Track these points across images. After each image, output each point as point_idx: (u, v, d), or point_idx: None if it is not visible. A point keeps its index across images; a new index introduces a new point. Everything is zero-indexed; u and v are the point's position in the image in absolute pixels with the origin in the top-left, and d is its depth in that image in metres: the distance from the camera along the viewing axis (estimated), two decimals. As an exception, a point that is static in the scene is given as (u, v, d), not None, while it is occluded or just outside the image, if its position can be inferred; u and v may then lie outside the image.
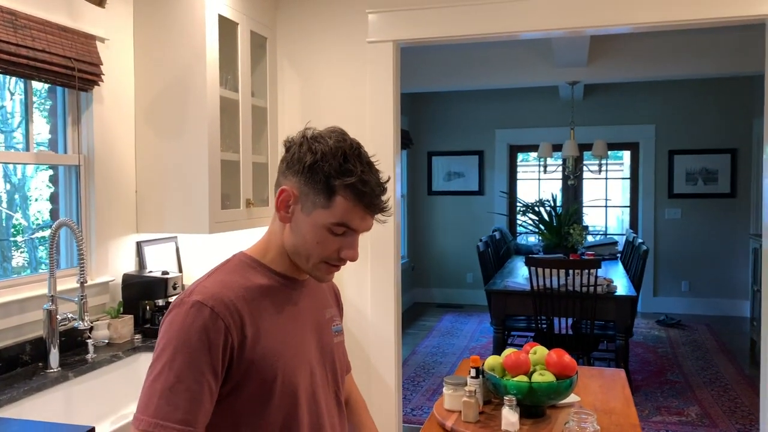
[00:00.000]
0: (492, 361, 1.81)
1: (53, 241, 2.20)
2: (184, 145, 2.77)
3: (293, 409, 1.11)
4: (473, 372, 1.81)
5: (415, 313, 7.58)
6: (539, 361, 1.76)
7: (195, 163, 2.76)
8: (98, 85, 2.57)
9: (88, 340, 2.39)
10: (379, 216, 1.15)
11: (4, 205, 2.84)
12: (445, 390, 1.84)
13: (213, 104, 2.78)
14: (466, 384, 1.80)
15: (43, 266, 2.59)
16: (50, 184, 2.72)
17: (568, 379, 1.71)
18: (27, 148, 2.42)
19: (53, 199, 2.70)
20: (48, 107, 2.62)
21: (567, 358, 1.73)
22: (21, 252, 2.82)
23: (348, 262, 1.16)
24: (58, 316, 2.24)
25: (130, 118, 2.82)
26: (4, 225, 2.91)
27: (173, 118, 2.78)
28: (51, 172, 2.72)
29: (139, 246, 2.86)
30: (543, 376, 1.70)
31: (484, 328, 6.54)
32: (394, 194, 3.45)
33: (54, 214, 2.68)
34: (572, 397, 1.89)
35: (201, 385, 1.02)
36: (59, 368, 2.22)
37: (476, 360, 1.82)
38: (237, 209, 2.98)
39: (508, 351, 1.81)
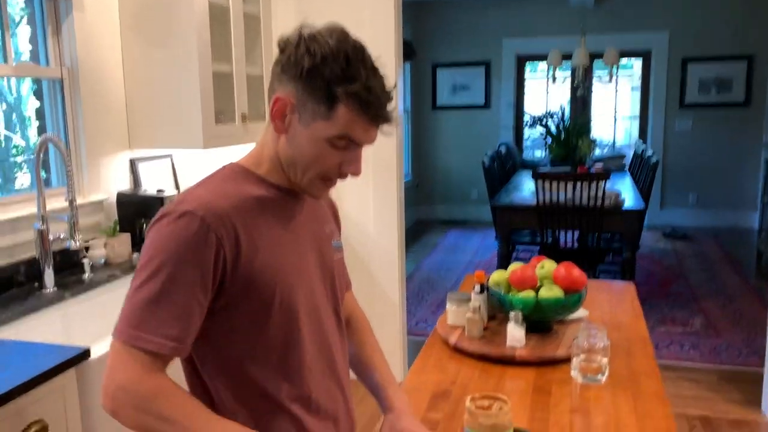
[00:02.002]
0: (497, 276, 1.74)
1: (38, 158, 2.10)
2: (173, 56, 2.62)
3: (293, 327, 1.05)
4: (477, 288, 1.75)
5: (419, 230, 7.55)
6: (546, 275, 1.68)
7: (185, 74, 2.61)
8: (76, -10, 2.39)
9: (84, 260, 2.34)
10: (384, 127, 1.04)
11: (2, 125, 2.73)
12: (448, 306, 1.79)
13: (201, 11, 2.61)
14: (469, 300, 1.74)
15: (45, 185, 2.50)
16: (35, 98, 2.59)
17: (576, 293, 1.64)
18: (5, 61, 2.27)
19: (40, 115, 2.58)
20: (26, 17, 2.46)
21: (576, 272, 1.66)
22: (24, 173, 2.73)
23: (347, 178, 1.06)
24: (50, 236, 2.18)
25: (115, 26, 2.65)
26: (3, 146, 2.82)
27: (160, 26, 2.62)
28: (35, 86, 2.59)
29: (132, 163, 2.76)
30: (550, 291, 1.63)
31: (488, 244, 6.52)
32: (396, 107, 3.31)
33: (42, 131, 2.57)
34: (580, 312, 1.84)
35: (188, 299, 0.95)
36: (55, 288, 2.17)
37: (480, 275, 1.75)
38: (232, 124, 2.86)
39: (514, 266, 1.73)
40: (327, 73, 0.98)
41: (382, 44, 3.21)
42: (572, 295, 1.64)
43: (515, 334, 1.60)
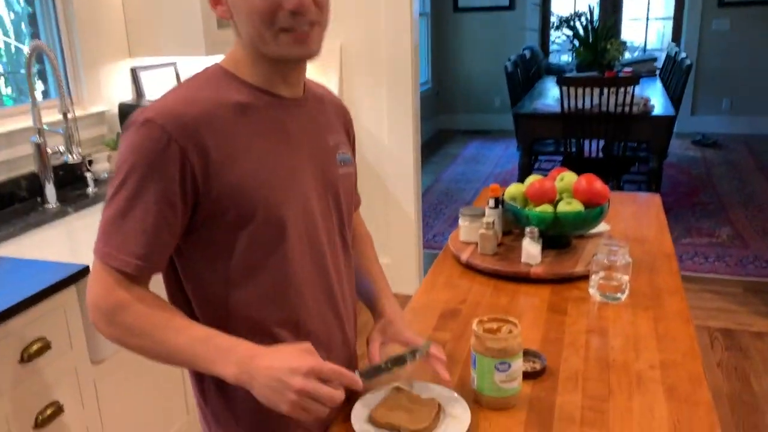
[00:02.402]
0: (513, 189, 1.62)
1: (29, 67, 1.99)
2: (169, -46, 2.44)
3: (280, 248, 0.95)
4: (492, 202, 1.64)
5: (439, 140, 7.38)
6: (566, 188, 1.57)
7: (183, -26, 2.44)
8: None
9: (87, 174, 2.27)
10: None
11: (12, 36, 2.60)
12: (461, 222, 1.69)
13: None
14: (483, 215, 1.64)
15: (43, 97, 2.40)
16: (27, 6, 2.45)
17: (598, 207, 1.53)
18: (-13, -39, 2.12)
19: (32, 21, 2.44)
20: None
21: (598, 184, 1.53)
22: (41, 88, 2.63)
23: (308, 19, 0.91)
24: (48, 150, 2.10)
25: None
26: (15, 57, 2.71)
27: None
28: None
29: (134, 72, 2.64)
30: (570, 205, 1.52)
31: (510, 154, 6.35)
32: (411, 11, 3.10)
33: (35, 38, 2.44)
34: (601, 226, 1.73)
35: (153, 215, 0.87)
36: (58, 203, 2.12)
37: (495, 189, 1.64)
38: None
39: (532, 178, 1.62)
40: None
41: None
42: (593, 209, 1.52)
43: (530, 250, 1.51)
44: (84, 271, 1.62)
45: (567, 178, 1.59)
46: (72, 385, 1.62)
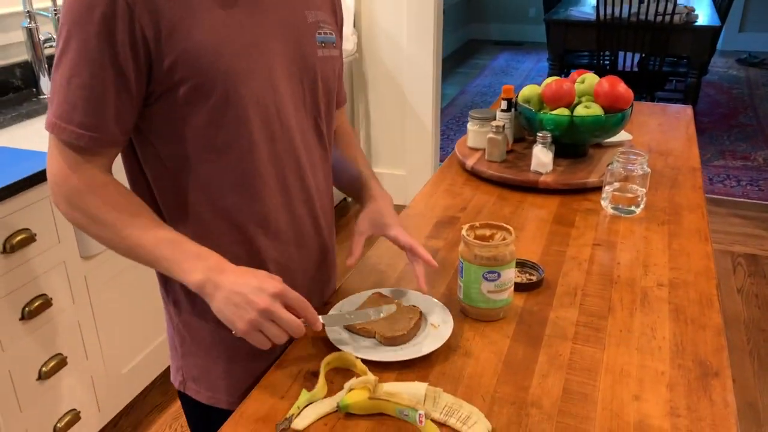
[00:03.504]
0: (528, 91, 1.48)
1: (14, -57, 1.85)
2: None
3: (240, 128, 0.85)
4: (504, 104, 1.51)
5: (468, 50, 7.06)
6: (587, 91, 1.42)
7: None
8: None
9: (84, 65, 2.17)
10: None
11: None
12: (469, 125, 1.56)
13: None
14: (493, 118, 1.51)
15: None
16: None
17: (619, 112, 1.39)
18: None
19: None
20: None
21: (622, 87, 1.39)
22: None
23: None
24: (41, 36, 1.99)
25: None
26: None
27: None
28: None
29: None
30: (588, 109, 1.38)
31: (541, 68, 6.06)
32: None
33: None
34: (623, 135, 1.60)
35: (101, 81, 0.77)
36: (53, 94, 2.03)
37: (508, 90, 1.50)
38: None
39: (550, 80, 1.47)
40: None
41: None
42: (614, 114, 1.38)
43: (541, 157, 1.38)
44: (70, 163, 1.54)
45: (588, 80, 1.44)
46: (61, 279, 1.59)
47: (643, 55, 3.89)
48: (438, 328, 0.92)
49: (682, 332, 0.94)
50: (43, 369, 1.57)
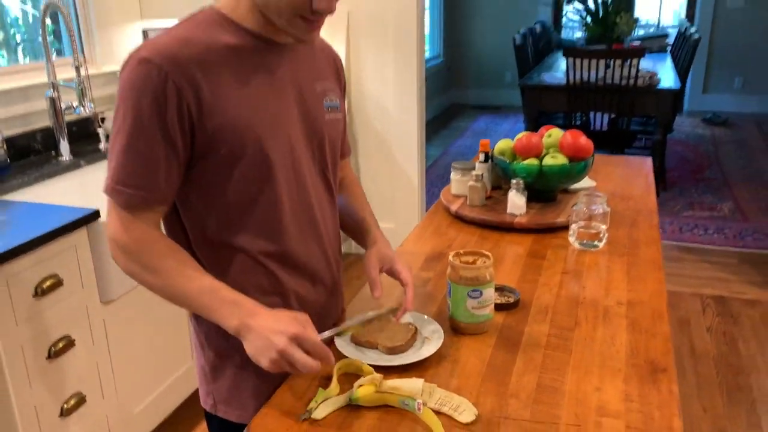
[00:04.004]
0: (502, 144, 1.69)
1: (43, 23, 2.08)
2: None
3: (270, 184, 1.02)
4: (482, 156, 1.72)
5: (449, 114, 7.41)
6: (553, 143, 1.64)
7: (193, -62, 2.50)
8: None
9: (99, 130, 2.36)
10: None
11: (29, 5, 2.69)
12: (452, 175, 1.76)
13: None
14: (473, 169, 1.71)
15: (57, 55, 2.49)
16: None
17: (582, 161, 1.60)
18: None
19: (47, -18, 2.52)
20: None
21: (583, 139, 1.60)
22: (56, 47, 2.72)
23: (326, 16, 0.98)
24: (62, 105, 2.19)
25: None
26: (32, 25, 2.79)
27: None
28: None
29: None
30: (555, 159, 1.59)
31: (519, 129, 6.38)
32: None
33: None
34: (588, 182, 1.80)
35: (153, 149, 0.94)
36: (71, 157, 2.22)
37: (485, 144, 1.71)
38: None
39: (521, 134, 1.68)
40: None
41: None
42: (578, 162, 1.59)
43: (516, 201, 1.58)
44: (95, 215, 1.72)
45: (554, 134, 1.65)
46: (83, 322, 1.73)
47: (612, 116, 4.18)
48: (431, 340, 1.09)
49: (636, 340, 1.12)
50: (65, 406, 1.69)
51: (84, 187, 2.16)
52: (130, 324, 1.90)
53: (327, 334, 1.03)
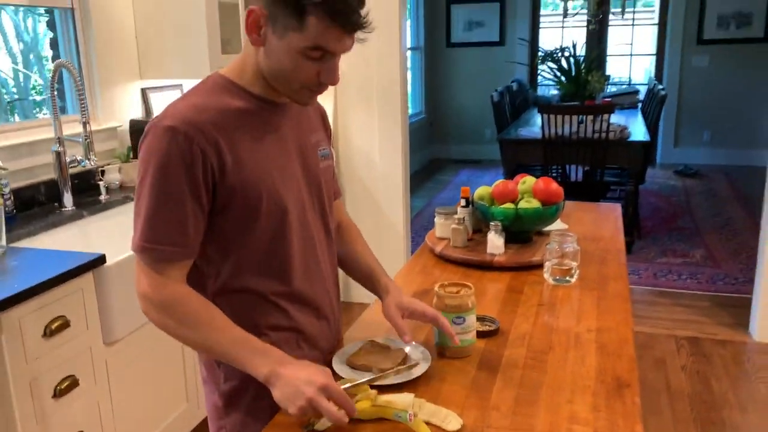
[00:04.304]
0: (481, 190, 1.85)
1: (53, 82, 2.22)
2: (180, -14, 2.70)
3: (282, 230, 1.14)
4: (463, 201, 1.86)
5: (432, 168, 7.64)
6: (527, 189, 1.79)
7: (192, 5, 2.70)
8: None
9: (100, 182, 2.49)
10: (358, 34, 1.05)
11: (21, 65, 2.84)
12: (436, 219, 1.91)
13: (206, -59, 2.66)
14: (456, 213, 1.86)
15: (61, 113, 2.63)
16: (49, 30, 2.70)
17: (554, 205, 1.75)
18: (18, -10, 2.37)
19: (53, 44, 2.69)
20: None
21: (554, 186, 1.76)
22: (43, 113, 2.86)
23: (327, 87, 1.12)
24: (67, 158, 2.32)
25: (122, -43, 2.72)
26: (22, 85, 2.93)
27: (166, -43, 2.69)
28: (48, 16, 2.69)
29: (144, 93, 2.88)
30: (529, 203, 1.74)
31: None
32: (399, 45, 3.36)
33: (55, 60, 2.68)
34: (560, 225, 1.95)
35: (183, 208, 1.04)
36: (73, 208, 2.33)
37: (466, 190, 1.86)
38: (238, 54, 2.94)
39: (498, 182, 1.84)
40: None
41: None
42: (550, 206, 1.74)
43: (495, 242, 1.72)
44: (101, 260, 1.82)
45: (528, 181, 1.81)
46: (87, 362, 1.81)
47: (586, 168, 4.39)
48: (419, 363, 1.20)
49: (604, 361, 1.24)
50: (68, 444, 1.75)
51: (87, 236, 2.26)
52: (131, 365, 1.98)
53: (348, 386, 1.08)
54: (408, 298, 1.29)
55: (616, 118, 4.95)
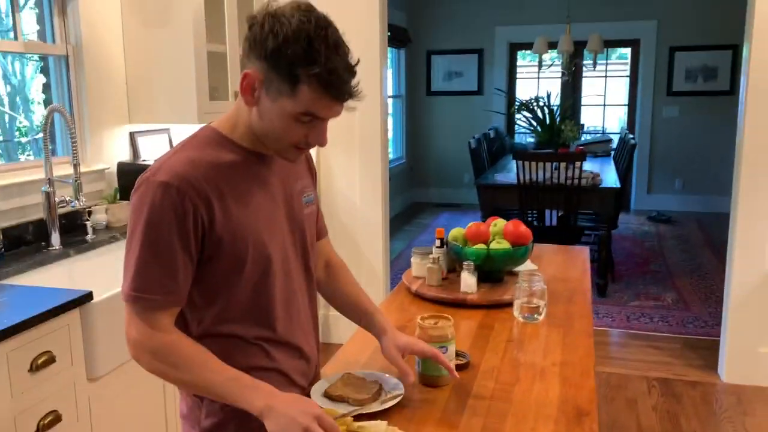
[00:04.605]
0: (455, 232, 1.95)
1: (46, 125, 2.31)
2: (170, 36, 2.82)
3: (266, 278, 1.19)
4: (438, 242, 1.96)
5: (413, 212, 7.77)
6: (498, 231, 1.89)
7: (181, 53, 2.81)
8: (80, -27, 2.58)
9: (87, 223, 2.55)
10: (349, 102, 1.11)
11: (7, 107, 2.92)
12: (412, 259, 2.00)
13: (196, -6, 2.80)
14: (431, 253, 1.95)
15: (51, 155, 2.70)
16: (42, 75, 2.79)
17: (523, 246, 1.85)
18: (15, 38, 2.48)
19: (47, 89, 2.78)
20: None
21: (522, 228, 1.86)
22: (27, 154, 2.93)
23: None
24: (56, 198, 2.39)
25: (116, 8, 2.84)
26: (8, 128, 3.01)
27: (159, 9, 2.81)
28: (42, 63, 2.79)
29: (132, 136, 2.97)
30: (500, 244, 1.84)
31: (478, 225, 6.73)
32: (381, 93, 3.50)
33: (48, 104, 2.77)
34: (530, 266, 2.05)
35: (174, 260, 1.08)
36: (61, 247, 2.39)
37: (440, 232, 1.96)
38: (225, 101, 3.06)
39: (471, 224, 1.94)
40: (289, 54, 1.04)
41: (368, 31, 3.40)
42: (519, 247, 1.85)
43: (468, 281, 1.81)
44: (88, 296, 1.88)
45: (499, 224, 1.92)
46: (70, 398, 1.85)
47: (560, 213, 4.53)
48: (393, 393, 1.27)
49: (566, 392, 1.32)
50: (48, 480, 1.77)
51: (73, 274, 2.32)
52: (113, 401, 2.02)
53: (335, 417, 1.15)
54: (404, 337, 1.34)
55: (589, 166, 5.13)
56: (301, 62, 1.04)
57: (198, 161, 1.13)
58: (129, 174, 2.81)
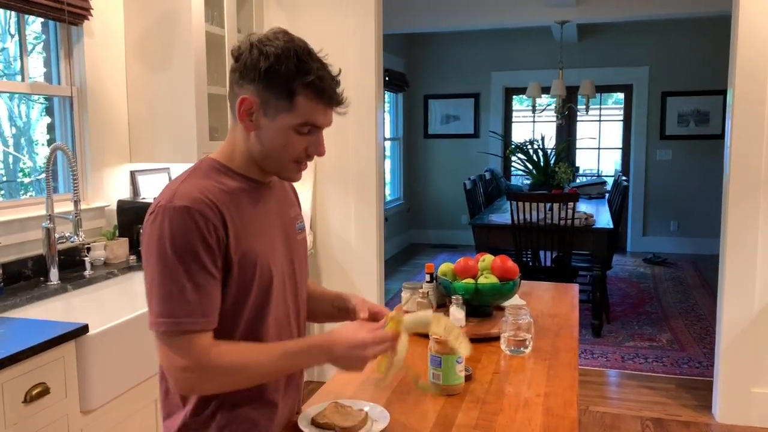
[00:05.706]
0: (444, 267, 1.99)
1: (49, 163, 2.38)
2: (172, 79, 2.92)
3: (266, 300, 1.24)
4: (428, 277, 2.00)
5: (410, 252, 7.81)
6: (486, 266, 1.94)
7: (183, 95, 2.91)
8: (87, 19, 2.70)
9: (85, 259, 2.60)
10: (338, 109, 1.21)
11: (11, 148, 3.00)
12: (403, 294, 2.04)
13: (199, 40, 2.91)
14: (421, 287, 1.99)
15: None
16: (47, 115, 2.88)
17: (510, 281, 1.90)
18: (22, 80, 2.57)
19: (51, 129, 2.87)
20: (42, 42, 2.76)
21: (510, 263, 1.91)
22: (29, 194, 2.99)
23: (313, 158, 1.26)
24: (56, 235, 2.44)
25: (120, 52, 2.95)
26: (11, 168, 3.08)
27: (161, 53, 2.92)
28: (47, 104, 2.88)
29: (132, 175, 3.04)
30: (488, 279, 1.89)
31: (475, 266, 6.77)
32: (376, 134, 3.59)
33: (51, 143, 2.85)
34: (518, 301, 2.09)
35: (207, 280, 1.13)
36: (59, 282, 2.43)
37: (430, 267, 2.01)
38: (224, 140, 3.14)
39: (460, 259, 1.99)
40: (283, 71, 1.13)
41: (365, 75, 3.51)
42: (506, 282, 1.89)
43: (456, 314, 1.85)
44: (82, 329, 1.91)
45: (487, 259, 1.97)
46: (62, 431, 1.86)
47: (555, 254, 4.57)
48: (379, 422, 1.30)
49: (549, 421, 1.35)
50: None
51: (70, 308, 2.35)
52: (105, 435, 2.03)
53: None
54: (373, 303, 1.43)
55: (584, 207, 5.20)
56: (295, 76, 1.14)
57: (208, 187, 1.18)
58: (128, 212, 2.88)
